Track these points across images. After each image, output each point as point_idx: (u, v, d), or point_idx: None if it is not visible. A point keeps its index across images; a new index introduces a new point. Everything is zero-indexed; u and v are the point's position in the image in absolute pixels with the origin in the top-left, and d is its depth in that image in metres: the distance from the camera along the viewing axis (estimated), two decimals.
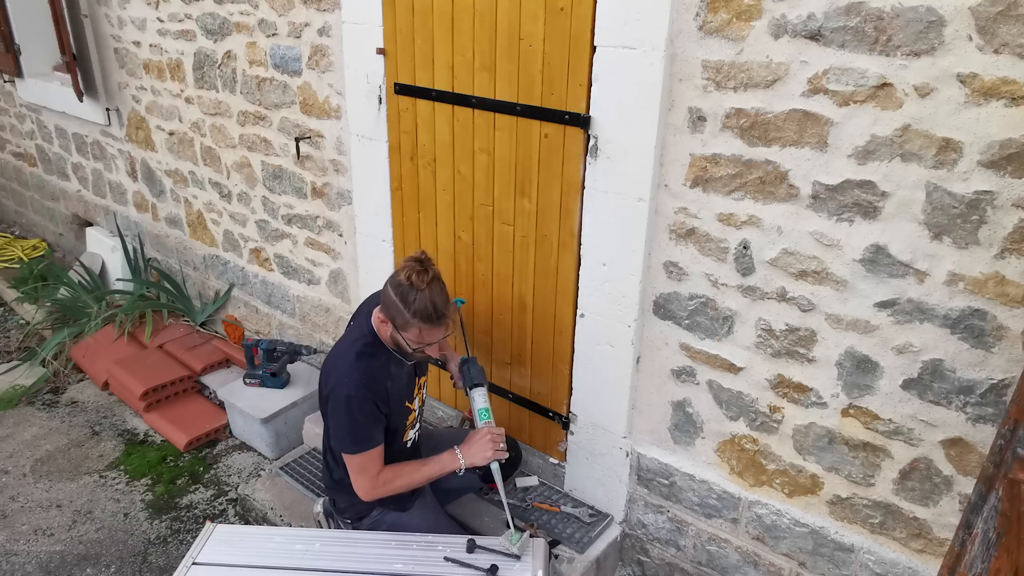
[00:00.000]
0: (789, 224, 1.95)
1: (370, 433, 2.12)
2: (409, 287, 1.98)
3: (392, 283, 2.04)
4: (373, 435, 2.13)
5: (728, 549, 2.38)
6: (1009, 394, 1.74)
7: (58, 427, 3.67)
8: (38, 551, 2.89)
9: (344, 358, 2.14)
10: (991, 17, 1.53)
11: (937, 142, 1.67)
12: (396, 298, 2.00)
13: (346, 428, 2.11)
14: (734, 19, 1.86)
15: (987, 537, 1.24)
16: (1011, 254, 1.65)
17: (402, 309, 2.00)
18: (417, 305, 1.98)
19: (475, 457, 2.20)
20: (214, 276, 4.15)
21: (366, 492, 2.17)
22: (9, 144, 5.71)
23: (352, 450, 2.12)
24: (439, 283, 2.03)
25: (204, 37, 3.48)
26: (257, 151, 3.49)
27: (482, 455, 2.19)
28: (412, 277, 1.98)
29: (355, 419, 2.09)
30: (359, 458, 2.12)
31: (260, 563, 2.20)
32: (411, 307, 1.98)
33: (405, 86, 2.65)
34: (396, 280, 2.03)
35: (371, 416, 2.11)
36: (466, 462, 2.20)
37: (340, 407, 2.09)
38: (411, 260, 2.03)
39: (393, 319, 2.05)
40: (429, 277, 2.00)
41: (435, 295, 2.00)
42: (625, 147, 2.13)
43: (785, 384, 2.10)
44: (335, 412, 2.11)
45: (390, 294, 2.03)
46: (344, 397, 2.07)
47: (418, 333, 2.03)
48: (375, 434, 2.13)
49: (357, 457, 2.12)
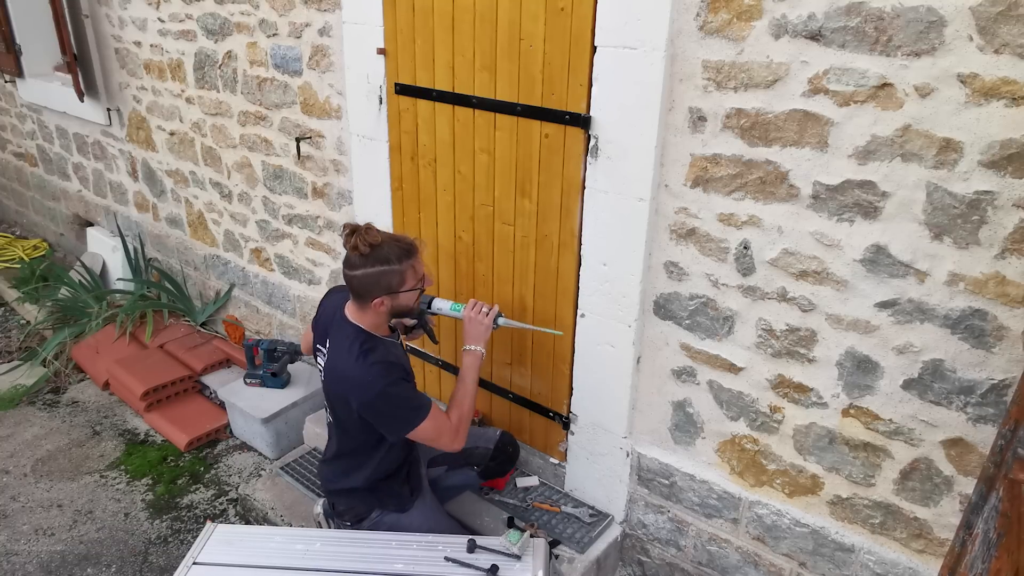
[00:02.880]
0: (789, 224, 1.95)
1: (420, 400, 2.12)
2: (373, 249, 2.01)
3: (359, 264, 2.03)
4: (422, 400, 2.12)
5: (728, 549, 2.38)
6: (1009, 394, 1.74)
7: (59, 427, 3.67)
8: (39, 551, 2.89)
9: (353, 365, 2.09)
10: (992, 17, 1.53)
11: (938, 142, 1.67)
12: (376, 267, 2.02)
13: (403, 413, 2.08)
14: (734, 19, 1.86)
15: (988, 537, 1.24)
16: (1011, 254, 1.65)
17: (390, 268, 2.03)
18: (394, 252, 2.04)
19: (479, 334, 2.26)
20: (215, 276, 4.16)
21: (456, 447, 2.17)
22: (10, 144, 5.71)
23: (416, 422, 2.08)
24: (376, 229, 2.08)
25: (205, 37, 3.48)
26: (258, 151, 3.49)
27: (483, 327, 2.26)
28: (368, 238, 2.01)
29: (401, 396, 2.08)
30: (428, 424, 2.09)
31: (261, 563, 2.20)
32: (392, 258, 2.03)
33: (406, 86, 2.66)
34: (359, 258, 2.02)
35: (409, 387, 2.12)
36: (477, 344, 2.25)
37: (382, 403, 2.06)
38: (349, 235, 2.03)
39: (389, 285, 2.06)
40: (373, 231, 2.03)
41: (390, 236, 2.08)
42: (625, 147, 2.13)
43: (785, 384, 2.10)
44: (381, 411, 2.07)
45: (368, 271, 2.03)
46: (380, 391, 2.04)
47: (413, 272, 2.09)
48: (423, 398, 2.14)
49: (425, 425, 2.09)
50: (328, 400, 2.25)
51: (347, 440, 2.25)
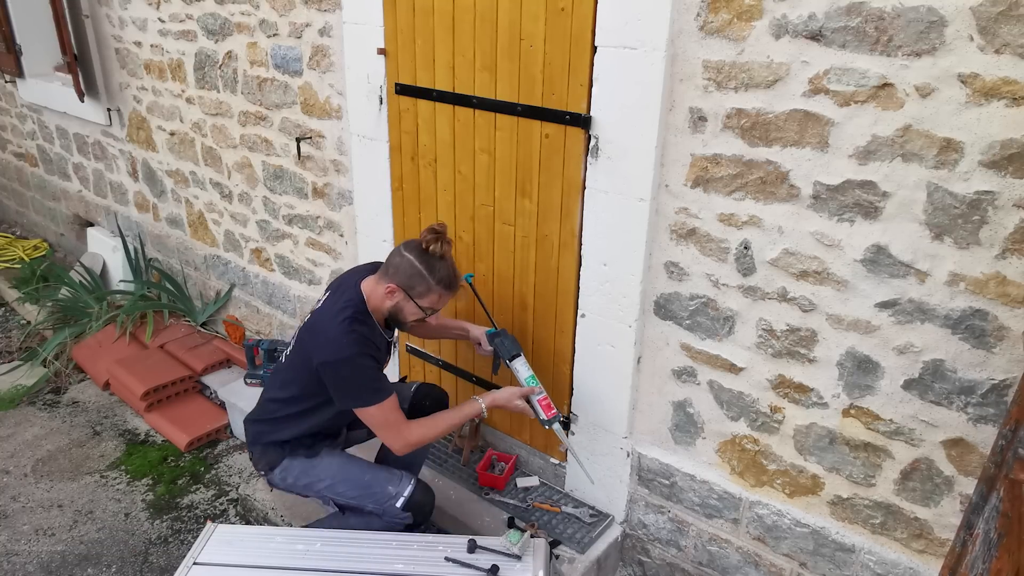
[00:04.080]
0: (790, 224, 1.95)
1: (383, 383, 2.11)
2: (434, 256, 2.10)
3: (415, 252, 2.10)
4: (385, 385, 2.12)
5: (729, 549, 2.38)
6: (1010, 394, 1.74)
7: (59, 427, 3.67)
8: (39, 551, 2.89)
9: (335, 324, 2.09)
10: (992, 17, 1.53)
11: (938, 142, 1.67)
12: (421, 266, 2.09)
13: (360, 383, 2.08)
14: (735, 19, 1.86)
15: (988, 537, 1.24)
16: (1012, 254, 1.65)
17: (426, 276, 2.09)
18: (442, 273, 2.12)
19: (503, 401, 2.27)
20: (215, 276, 4.16)
21: (400, 446, 2.15)
22: (10, 144, 5.71)
23: (372, 400, 2.07)
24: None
25: (205, 37, 3.48)
26: (258, 151, 3.49)
27: (513, 405, 2.27)
28: (438, 246, 2.08)
29: (366, 372, 2.08)
30: (381, 409, 2.09)
31: (261, 563, 2.21)
32: (436, 274, 2.10)
33: (406, 86, 2.66)
34: (419, 249, 2.10)
35: (377, 370, 2.13)
36: (489, 404, 2.24)
37: (345, 368, 2.06)
38: (431, 231, 2.10)
39: (412, 287, 2.11)
40: (449, 248, 2.13)
41: (453, 264, 2.17)
42: (626, 147, 2.13)
43: (786, 384, 2.10)
44: (339, 374, 2.07)
45: (413, 262, 2.09)
46: (347, 358, 2.05)
47: (436, 299, 2.15)
48: (387, 384, 2.13)
49: (378, 409, 2.08)
50: (293, 346, 2.26)
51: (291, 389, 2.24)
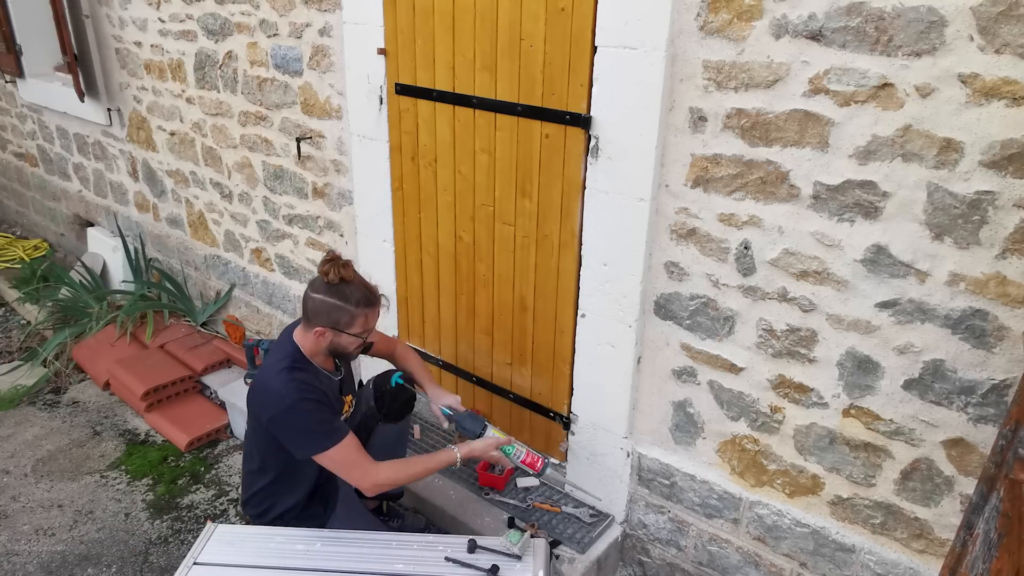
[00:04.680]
0: (790, 224, 1.95)
1: (333, 424, 2.09)
2: (341, 283, 2.06)
3: (322, 289, 2.07)
4: (337, 425, 2.10)
5: (729, 549, 2.38)
6: (1010, 394, 1.74)
7: (59, 427, 3.67)
8: (39, 551, 2.89)
9: (274, 378, 2.08)
10: (992, 17, 1.53)
11: (938, 142, 1.67)
12: (334, 299, 2.06)
13: (309, 429, 2.05)
14: (735, 19, 1.86)
15: (988, 538, 1.24)
16: (1012, 254, 1.65)
17: (343, 305, 2.06)
18: (356, 296, 2.08)
19: (478, 452, 2.24)
20: (215, 276, 4.16)
21: (367, 486, 2.12)
22: (10, 144, 5.71)
23: (326, 445, 2.05)
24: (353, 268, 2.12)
25: (205, 37, 3.48)
26: (258, 151, 3.49)
27: (485, 452, 2.26)
28: (335, 272, 2.05)
29: (313, 415, 2.06)
30: (338, 451, 2.05)
31: (261, 563, 2.20)
32: (352, 299, 2.07)
33: (406, 86, 2.66)
34: (324, 284, 2.07)
35: (326, 411, 2.10)
36: (466, 455, 2.22)
37: (291, 417, 2.04)
38: (326, 262, 2.07)
39: (336, 321, 2.08)
40: (351, 268, 2.08)
41: (362, 280, 2.12)
42: (626, 147, 2.13)
43: (786, 384, 2.10)
44: (286, 425, 2.06)
45: (326, 300, 2.06)
46: (290, 406, 2.03)
47: (364, 321, 2.12)
48: (339, 424, 2.11)
49: (337, 451, 2.05)
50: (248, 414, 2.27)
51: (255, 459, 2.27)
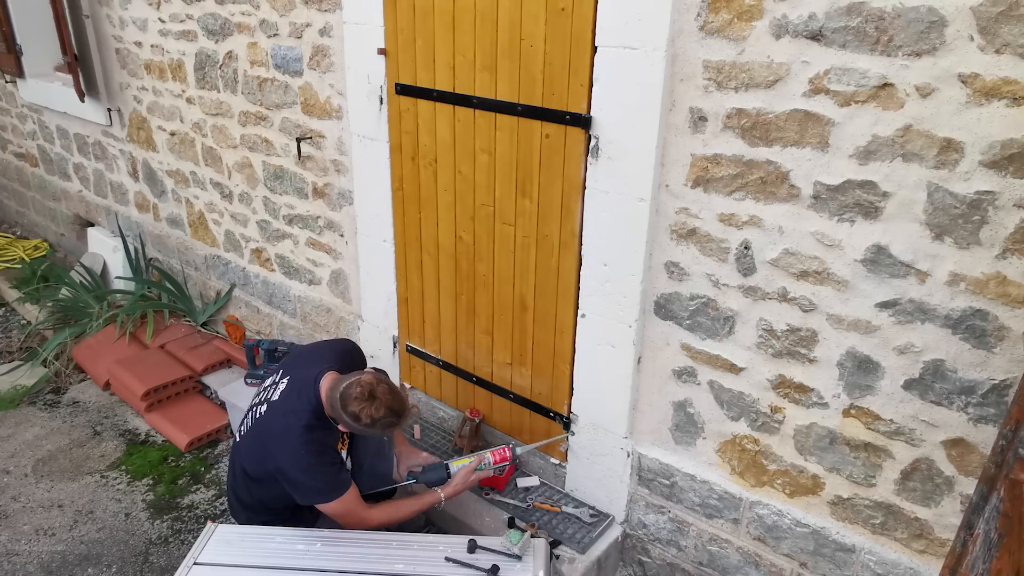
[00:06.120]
0: (790, 224, 1.95)
1: (342, 477, 2.22)
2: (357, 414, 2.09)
3: (343, 397, 2.10)
4: (342, 478, 2.22)
5: (729, 549, 2.38)
6: (1010, 394, 1.73)
7: (59, 427, 3.67)
8: (40, 551, 2.89)
9: (293, 433, 2.17)
10: (992, 17, 1.53)
11: (938, 142, 1.67)
12: (362, 427, 2.11)
13: (315, 487, 2.19)
14: (735, 19, 1.86)
15: (988, 538, 1.24)
16: (1012, 254, 1.65)
17: (351, 423, 2.13)
18: (383, 423, 2.12)
19: (458, 487, 2.38)
20: (215, 276, 4.16)
21: (360, 530, 2.28)
22: (11, 144, 5.71)
23: (332, 497, 2.20)
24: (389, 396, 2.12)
25: (205, 37, 3.48)
26: (258, 151, 3.49)
27: (465, 482, 2.40)
28: (371, 415, 2.08)
29: (322, 475, 2.19)
30: (341, 503, 2.20)
31: (261, 563, 2.20)
32: (378, 426, 2.12)
33: (406, 86, 2.66)
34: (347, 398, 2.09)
35: (334, 468, 2.22)
36: (446, 493, 2.35)
37: (303, 476, 2.17)
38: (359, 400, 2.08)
39: (339, 420, 2.16)
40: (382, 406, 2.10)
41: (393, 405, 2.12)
42: (626, 147, 2.13)
43: (786, 384, 2.10)
44: (295, 480, 2.18)
45: (340, 408, 2.11)
46: (305, 468, 2.16)
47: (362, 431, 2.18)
48: (344, 475, 2.24)
49: (339, 503, 2.20)
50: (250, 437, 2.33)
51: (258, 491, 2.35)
